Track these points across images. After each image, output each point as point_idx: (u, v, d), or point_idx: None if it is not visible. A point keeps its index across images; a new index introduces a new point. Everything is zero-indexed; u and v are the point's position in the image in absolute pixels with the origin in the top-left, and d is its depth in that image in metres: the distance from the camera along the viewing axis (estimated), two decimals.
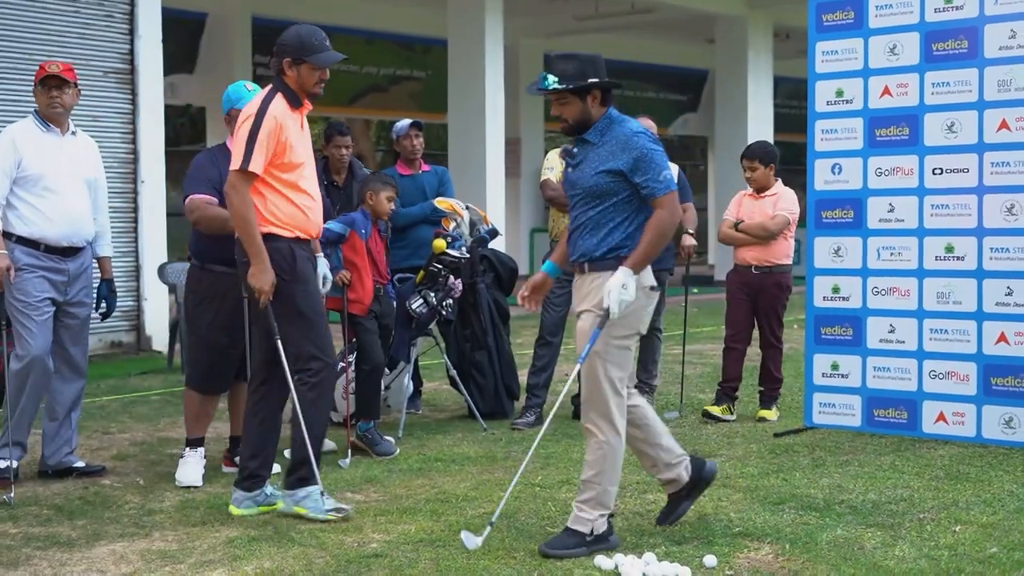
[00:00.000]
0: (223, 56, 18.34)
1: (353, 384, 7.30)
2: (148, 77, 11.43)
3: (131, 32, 11.35)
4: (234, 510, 5.69)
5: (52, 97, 6.39)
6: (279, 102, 5.57)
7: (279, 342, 5.53)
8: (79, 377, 6.61)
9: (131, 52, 11.35)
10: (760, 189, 8.04)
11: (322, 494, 5.60)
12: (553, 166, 8.06)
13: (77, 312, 6.52)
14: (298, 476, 5.63)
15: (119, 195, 11.15)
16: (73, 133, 6.55)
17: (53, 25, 10.83)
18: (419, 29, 19.64)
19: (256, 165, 5.47)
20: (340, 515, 5.54)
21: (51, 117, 6.41)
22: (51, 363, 6.39)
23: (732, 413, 8.04)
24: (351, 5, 19.18)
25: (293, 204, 5.61)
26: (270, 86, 5.67)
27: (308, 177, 5.70)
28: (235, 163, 5.49)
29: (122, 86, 11.33)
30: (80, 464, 6.63)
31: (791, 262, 8.10)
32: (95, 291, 6.69)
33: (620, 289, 4.94)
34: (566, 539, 5.02)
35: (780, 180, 8.12)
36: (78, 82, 6.51)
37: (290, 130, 5.56)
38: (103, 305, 6.77)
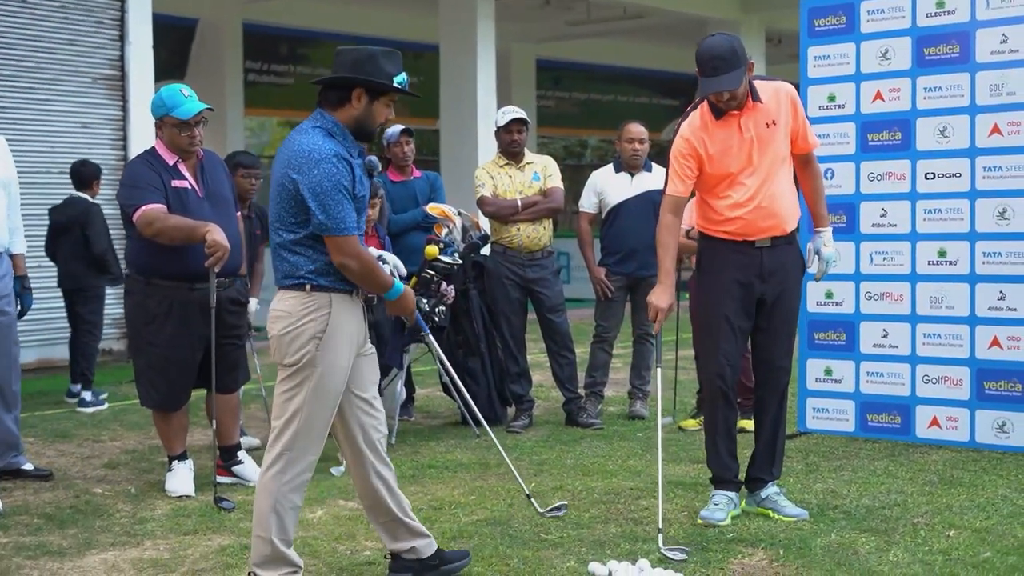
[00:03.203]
0: (214, 62, 18.29)
1: None
2: (139, 83, 11.38)
3: (121, 38, 11.31)
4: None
5: None
6: (694, 117, 5.56)
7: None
8: (10, 385, 6.54)
9: (122, 58, 11.32)
10: None
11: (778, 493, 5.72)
12: (484, 182, 8.14)
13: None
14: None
15: (111, 203, 11.12)
16: None
17: (42, 31, 10.80)
18: (410, 35, 19.60)
19: (673, 189, 5.57)
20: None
21: None
22: None
23: None
24: (341, 11, 19.16)
25: (714, 209, 5.65)
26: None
27: (738, 183, 5.55)
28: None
29: (112, 92, 11.29)
30: (28, 467, 6.65)
31: None
32: (15, 297, 6.62)
33: None
34: None
35: None
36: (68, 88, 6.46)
37: (707, 143, 5.50)
38: (19, 304, 6.68)
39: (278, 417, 4.54)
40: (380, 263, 5.90)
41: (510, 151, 8.22)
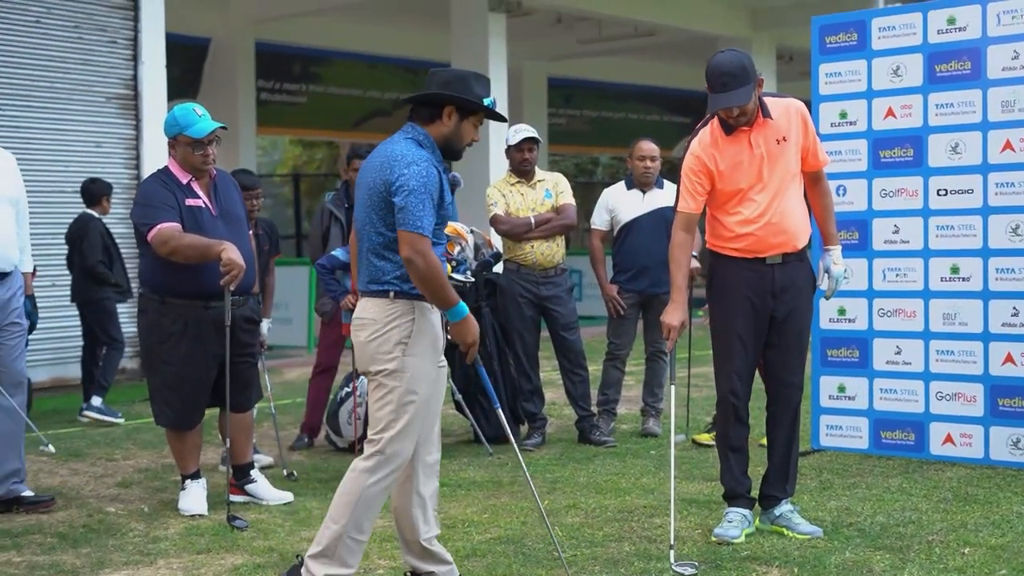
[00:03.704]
0: (226, 81, 18.37)
1: (360, 409, 7.28)
2: (152, 102, 11.42)
3: (134, 57, 11.36)
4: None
5: None
6: (704, 134, 5.55)
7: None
8: (17, 401, 6.50)
9: (134, 78, 11.36)
10: None
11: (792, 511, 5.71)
12: (496, 201, 8.15)
13: (11, 332, 6.44)
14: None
15: (124, 222, 11.16)
16: None
17: (56, 51, 10.85)
18: (423, 53, 19.67)
19: (685, 206, 5.59)
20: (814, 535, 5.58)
21: None
22: None
23: None
24: (354, 30, 19.22)
25: (724, 226, 5.63)
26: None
27: (748, 199, 5.52)
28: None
29: (125, 112, 11.34)
30: (28, 493, 6.50)
31: None
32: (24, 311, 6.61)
33: None
34: None
35: None
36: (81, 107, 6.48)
37: (717, 159, 5.50)
38: (26, 321, 6.67)
39: (374, 426, 4.59)
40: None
41: (521, 169, 8.23)
